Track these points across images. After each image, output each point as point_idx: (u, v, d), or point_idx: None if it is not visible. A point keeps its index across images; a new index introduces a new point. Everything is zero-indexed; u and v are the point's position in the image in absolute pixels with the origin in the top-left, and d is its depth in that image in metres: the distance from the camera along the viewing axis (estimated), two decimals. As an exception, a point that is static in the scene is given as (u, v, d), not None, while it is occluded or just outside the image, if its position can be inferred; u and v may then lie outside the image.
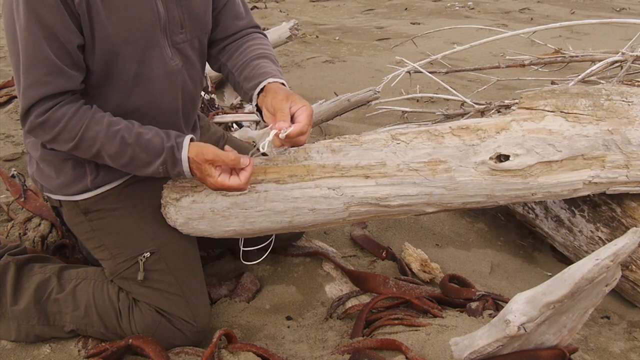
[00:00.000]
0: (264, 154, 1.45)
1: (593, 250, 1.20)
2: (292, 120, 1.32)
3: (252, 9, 1.59)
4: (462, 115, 2.68)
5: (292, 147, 1.38)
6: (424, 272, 1.81)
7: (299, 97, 1.36)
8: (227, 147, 1.36)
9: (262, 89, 1.43)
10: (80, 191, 1.45)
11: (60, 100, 1.31)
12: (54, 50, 1.26)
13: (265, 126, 1.52)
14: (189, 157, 1.33)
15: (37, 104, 1.29)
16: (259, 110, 1.46)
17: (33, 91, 1.28)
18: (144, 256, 1.43)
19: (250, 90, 1.47)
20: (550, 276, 1.20)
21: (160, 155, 1.33)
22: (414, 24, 6.08)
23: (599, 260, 1.06)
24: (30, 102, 1.29)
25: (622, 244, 1.07)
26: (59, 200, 1.50)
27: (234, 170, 1.33)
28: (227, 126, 2.69)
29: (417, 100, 3.51)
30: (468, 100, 2.72)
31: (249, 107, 3.03)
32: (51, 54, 1.25)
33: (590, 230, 1.80)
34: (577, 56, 2.94)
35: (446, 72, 3.11)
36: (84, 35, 1.29)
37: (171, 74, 1.42)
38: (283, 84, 1.44)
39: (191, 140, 1.36)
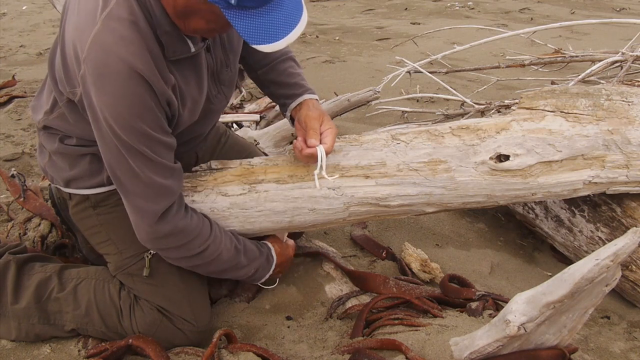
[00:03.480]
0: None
1: (593, 250, 1.20)
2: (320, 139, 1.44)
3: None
4: (462, 115, 2.68)
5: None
6: (424, 272, 1.81)
7: (328, 118, 1.48)
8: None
9: (298, 103, 1.55)
10: (94, 185, 1.45)
11: (182, 205, 1.36)
12: (164, 157, 1.28)
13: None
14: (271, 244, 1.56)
15: (168, 212, 1.31)
16: (291, 118, 1.58)
17: (163, 198, 1.29)
18: (150, 253, 1.44)
19: (282, 97, 1.60)
20: (550, 276, 1.20)
21: (257, 260, 1.50)
22: (414, 24, 6.07)
23: (599, 260, 1.06)
24: (162, 209, 1.30)
25: (622, 244, 1.07)
26: (69, 193, 1.50)
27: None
28: (228, 126, 2.70)
29: (417, 100, 3.51)
30: (468, 100, 2.72)
31: (249, 107, 3.03)
32: (164, 161, 1.28)
33: (590, 230, 1.80)
34: (577, 56, 2.94)
35: (446, 72, 3.11)
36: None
37: (214, 109, 1.48)
38: (316, 99, 1.57)
39: None
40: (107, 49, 1.15)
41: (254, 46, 1.10)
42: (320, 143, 1.40)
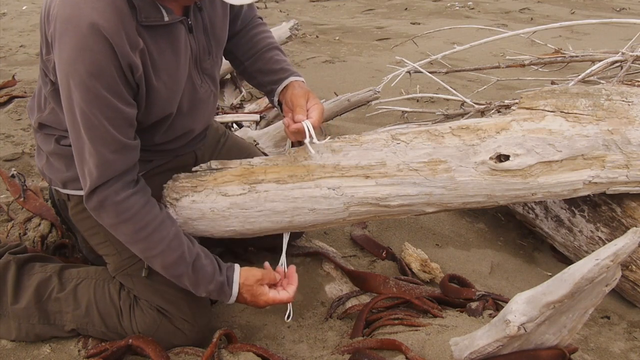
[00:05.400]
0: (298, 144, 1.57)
1: (593, 250, 1.20)
2: (307, 115, 1.46)
3: (252, 9, 1.67)
4: (462, 115, 2.68)
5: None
6: (424, 272, 1.81)
7: (313, 95, 1.50)
8: (266, 264, 1.51)
9: (284, 86, 1.56)
10: None
11: (129, 182, 1.32)
12: (117, 129, 1.25)
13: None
14: (239, 284, 1.41)
15: (105, 185, 1.29)
16: (279, 102, 1.59)
17: (101, 171, 1.27)
18: None
19: (269, 84, 1.60)
20: (550, 276, 1.20)
21: (209, 284, 1.38)
22: (414, 24, 6.08)
23: (599, 260, 1.06)
24: (99, 182, 1.28)
25: (622, 244, 1.07)
26: (67, 195, 1.50)
27: (279, 284, 1.48)
28: (227, 126, 2.70)
29: (417, 100, 3.51)
30: (468, 100, 2.72)
31: (249, 107, 3.03)
32: (115, 133, 1.25)
33: (590, 230, 1.80)
34: (577, 56, 2.94)
35: (446, 72, 3.10)
36: (139, 103, 1.30)
37: (201, 100, 1.47)
38: (302, 81, 1.58)
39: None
40: (73, 5, 1.15)
41: None
42: (307, 118, 1.43)
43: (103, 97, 1.20)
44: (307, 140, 1.41)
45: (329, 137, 1.48)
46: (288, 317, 1.53)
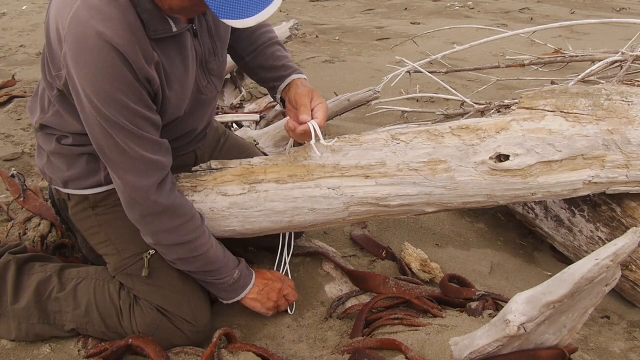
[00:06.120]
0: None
1: (593, 250, 1.20)
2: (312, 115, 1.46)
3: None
4: (462, 115, 2.68)
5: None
6: (424, 272, 1.81)
7: (317, 94, 1.50)
8: None
9: (287, 84, 1.57)
10: (92, 185, 1.45)
11: (175, 184, 1.38)
12: (150, 133, 1.27)
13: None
14: (254, 270, 1.56)
15: (162, 188, 1.31)
16: (281, 99, 1.60)
17: (151, 172, 1.29)
18: (149, 253, 1.44)
19: (271, 81, 1.61)
20: (550, 276, 1.20)
21: (238, 266, 1.49)
22: (414, 24, 6.08)
23: (599, 260, 1.06)
24: (155, 183, 1.30)
25: (622, 244, 1.07)
26: (68, 194, 1.50)
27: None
28: (227, 126, 2.69)
29: (417, 100, 3.51)
30: (468, 100, 2.71)
31: (249, 107, 3.03)
32: (151, 136, 1.27)
33: (590, 230, 1.80)
34: (577, 56, 2.93)
35: (446, 72, 3.10)
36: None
37: (205, 100, 1.48)
38: (305, 79, 1.59)
39: None
40: (85, 24, 1.15)
41: (223, 20, 1.09)
42: (312, 118, 1.43)
43: (131, 108, 1.22)
44: (313, 142, 1.42)
45: (335, 139, 1.48)
46: (291, 310, 1.61)
